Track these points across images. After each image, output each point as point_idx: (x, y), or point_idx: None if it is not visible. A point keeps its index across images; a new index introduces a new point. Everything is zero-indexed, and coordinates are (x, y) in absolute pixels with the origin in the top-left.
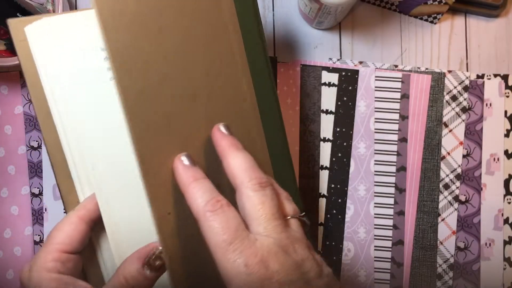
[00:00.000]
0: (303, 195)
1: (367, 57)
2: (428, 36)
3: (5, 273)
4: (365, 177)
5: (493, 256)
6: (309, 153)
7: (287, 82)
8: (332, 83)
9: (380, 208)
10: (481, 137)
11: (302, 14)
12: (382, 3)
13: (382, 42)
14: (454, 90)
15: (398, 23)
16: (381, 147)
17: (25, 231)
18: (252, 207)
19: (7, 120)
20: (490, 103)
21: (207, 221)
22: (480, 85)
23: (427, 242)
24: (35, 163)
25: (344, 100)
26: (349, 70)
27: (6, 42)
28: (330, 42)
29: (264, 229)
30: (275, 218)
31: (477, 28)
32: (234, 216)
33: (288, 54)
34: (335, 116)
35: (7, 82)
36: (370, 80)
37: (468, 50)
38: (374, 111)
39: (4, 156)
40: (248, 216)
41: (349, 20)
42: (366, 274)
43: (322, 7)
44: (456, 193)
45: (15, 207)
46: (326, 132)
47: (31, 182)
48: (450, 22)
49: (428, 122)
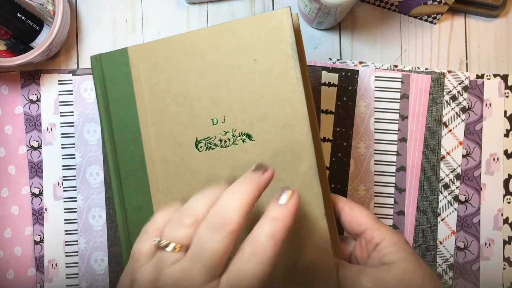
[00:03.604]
0: None
1: (367, 57)
2: (428, 36)
3: (6, 273)
4: (365, 177)
5: (493, 256)
6: None
7: None
8: (332, 83)
9: (380, 208)
10: (480, 137)
11: (302, 14)
12: (382, 3)
13: (382, 42)
14: (453, 90)
15: (398, 23)
16: (381, 147)
17: (26, 231)
18: None
19: (8, 120)
20: (490, 103)
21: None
22: (479, 85)
23: (426, 242)
24: (36, 163)
25: (344, 100)
26: (349, 70)
27: (7, 42)
28: (330, 42)
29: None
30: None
31: (476, 28)
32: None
33: None
34: (335, 116)
35: (7, 82)
36: (370, 80)
37: (467, 50)
38: (374, 111)
39: (4, 156)
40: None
41: (349, 20)
42: None
43: (322, 7)
44: (455, 193)
45: (16, 207)
46: (326, 132)
47: (31, 182)
48: (449, 22)
49: (428, 122)
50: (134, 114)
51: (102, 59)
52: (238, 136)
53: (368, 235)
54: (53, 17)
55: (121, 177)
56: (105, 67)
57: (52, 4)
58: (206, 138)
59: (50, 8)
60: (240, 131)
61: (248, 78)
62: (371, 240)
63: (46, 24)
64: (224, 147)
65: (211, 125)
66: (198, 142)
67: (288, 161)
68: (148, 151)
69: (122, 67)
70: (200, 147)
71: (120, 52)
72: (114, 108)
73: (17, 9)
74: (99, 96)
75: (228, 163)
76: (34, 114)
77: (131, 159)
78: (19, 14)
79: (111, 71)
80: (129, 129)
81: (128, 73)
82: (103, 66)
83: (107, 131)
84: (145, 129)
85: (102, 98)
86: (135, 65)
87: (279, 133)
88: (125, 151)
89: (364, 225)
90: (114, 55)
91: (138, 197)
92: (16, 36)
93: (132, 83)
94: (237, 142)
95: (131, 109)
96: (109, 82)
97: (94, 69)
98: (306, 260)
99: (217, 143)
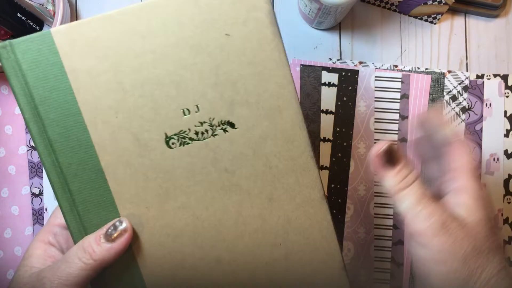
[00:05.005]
0: None
1: (367, 57)
2: (428, 36)
3: (6, 273)
4: (365, 177)
5: None
6: None
7: None
8: (332, 83)
9: (380, 208)
10: (480, 137)
11: (302, 14)
12: (382, 3)
13: (382, 42)
14: (454, 90)
15: (398, 23)
16: None
17: (26, 231)
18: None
19: (8, 120)
20: (490, 103)
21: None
22: (479, 85)
23: None
24: (36, 163)
25: (344, 100)
26: (349, 70)
27: None
28: (330, 42)
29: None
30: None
31: (476, 28)
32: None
33: (288, 54)
34: (335, 116)
35: (7, 82)
36: (370, 80)
37: (467, 50)
38: (374, 111)
39: (4, 156)
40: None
41: (349, 20)
42: (366, 274)
43: (322, 7)
44: None
45: (16, 207)
46: (326, 132)
47: (31, 182)
48: (449, 22)
49: None
50: (76, 115)
51: (15, 49)
52: (218, 125)
53: (458, 173)
54: (53, 17)
55: (71, 192)
56: (21, 58)
57: (52, 4)
58: (179, 133)
59: (50, 8)
60: (219, 119)
61: (220, 56)
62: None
63: (46, 24)
64: (202, 140)
65: (182, 116)
66: (168, 138)
67: (279, 145)
68: (103, 157)
69: (48, 57)
70: (172, 144)
71: (42, 38)
72: (45, 110)
73: (17, 9)
74: (20, 96)
75: (208, 156)
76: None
77: (82, 169)
78: (19, 14)
79: (31, 64)
80: (73, 133)
81: (58, 63)
82: (18, 58)
83: (39, 139)
84: (95, 131)
85: (24, 98)
86: (67, 52)
87: (265, 117)
88: (73, 161)
89: (462, 164)
90: (33, 42)
91: (101, 212)
92: (16, 36)
93: (66, 76)
94: (217, 133)
95: (71, 109)
96: (32, 77)
97: (5, 62)
98: (310, 244)
99: (192, 137)
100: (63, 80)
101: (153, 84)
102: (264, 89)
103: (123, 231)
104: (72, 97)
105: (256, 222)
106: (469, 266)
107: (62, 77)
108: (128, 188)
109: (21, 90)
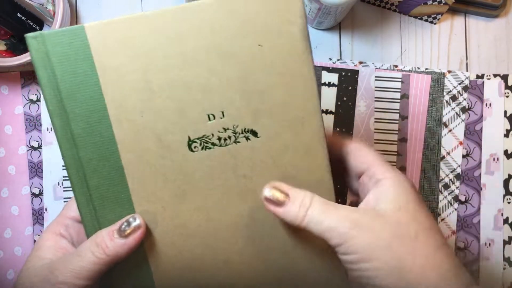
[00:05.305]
0: None
1: (367, 57)
2: (428, 36)
3: (5, 273)
4: None
5: (493, 256)
6: None
7: None
8: (332, 83)
9: None
10: (480, 137)
11: None
12: (382, 3)
13: (382, 42)
14: (454, 90)
15: (398, 23)
16: (381, 147)
17: (26, 231)
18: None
19: (8, 120)
20: (490, 103)
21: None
22: (479, 85)
23: None
24: (36, 163)
25: (344, 100)
26: (349, 70)
27: (7, 42)
28: (330, 42)
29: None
30: None
31: (476, 28)
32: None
33: None
34: (335, 116)
35: (7, 82)
36: (370, 80)
37: (467, 50)
38: (374, 111)
39: (4, 156)
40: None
41: (349, 20)
42: None
43: (322, 7)
44: (455, 193)
45: (16, 207)
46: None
47: (31, 182)
48: (449, 22)
49: (428, 122)
50: (101, 111)
51: (46, 41)
52: (241, 133)
53: (371, 171)
54: (53, 17)
55: (89, 187)
56: (52, 51)
57: (52, 4)
58: (202, 137)
59: (50, 8)
60: (243, 127)
61: (250, 65)
62: (372, 177)
63: (46, 24)
64: (224, 146)
65: (207, 121)
66: (191, 141)
67: (298, 157)
68: (125, 155)
69: (79, 52)
70: (194, 147)
71: (75, 32)
72: (71, 105)
73: (17, 9)
74: (46, 88)
75: (228, 162)
76: (34, 114)
77: (103, 165)
78: (19, 14)
79: (61, 57)
80: (96, 129)
81: (89, 59)
82: (49, 51)
83: (62, 132)
84: (119, 129)
85: (51, 91)
86: (98, 48)
87: (288, 128)
88: (93, 157)
89: (369, 162)
90: (65, 36)
91: (116, 208)
92: (16, 36)
93: (95, 72)
94: (239, 140)
95: (97, 105)
96: (60, 71)
97: (34, 54)
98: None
99: (215, 142)
100: (92, 76)
101: (180, 87)
102: (290, 101)
103: (136, 227)
104: (100, 93)
105: (268, 229)
106: (397, 254)
107: (91, 73)
108: (146, 187)
109: (47, 82)
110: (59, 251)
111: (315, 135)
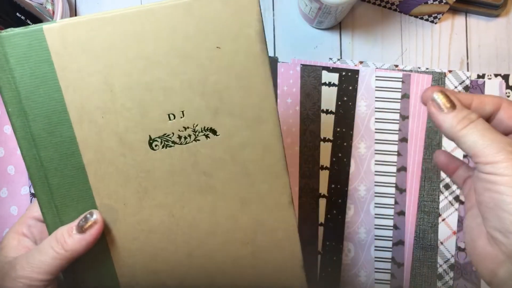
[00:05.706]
0: (303, 195)
1: (367, 57)
2: (429, 36)
3: None
4: (365, 177)
5: None
6: (309, 153)
7: (287, 82)
8: (332, 83)
9: (381, 208)
10: None
11: (302, 14)
12: (383, 3)
13: (382, 42)
14: (455, 90)
15: (399, 23)
16: (382, 147)
17: None
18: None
19: (7, 120)
20: None
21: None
22: (480, 85)
23: (427, 242)
24: None
25: (344, 100)
26: (349, 70)
27: None
28: (330, 42)
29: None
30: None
31: (477, 28)
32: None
33: (288, 54)
34: (335, 116)
35: None
36: (371, 80)
37: (468, 50)
38: (374, 111)
39: (3, 156)
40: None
41: (349, 20)
42: (367, 275)
43: (322, 7)
44: (456, 193)
45: (15, 207)
46: (326, 132)
47: (30, 182)
48: (450, 22)
49: (429, 122)
50: (62, 112)
51: (4, 42)
52: (201, 131)
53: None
54: (52, 17)
55: (50, 186)
56: (10, 52)
57: (51, 4)
58: (162, 136)
59: (50, 8)
60: (203, 126)
61: (210, 67)
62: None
63: None
64: (185, 144)
65: (167, 121)
66: (152, 140)
67: (257, 154)
68: (86, 154)
69: (38, 53)
70: (155, 146)
71: (32, 34)
72: (30, 106)
73: (17, 9)
74: (4, 90)
75: (189, 160)
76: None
77: (64, 165)
78: (19, 13)
79: (20, 59)
80: (57, 130)
81: (48, 61)
82: (7, 52)
83: (22, 132)
84: (80, 129)
85: (9, 92)
86: (58, 50)
87: (247, 126)
88: (54, 156)
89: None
90: (23, 37)
91: (78, 206)
92: None
93: (55, 74)
94: (199, 138)
95: (57, 107)
96: (19, 72)
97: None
98: (275, 244)
99: (175, 140)
100: (51, 77)
101: (142, 89)
102: (248, 101)
103: (93, 222)
104: (60, 94)
105: (228, 222)
106: None
107: (51, 74)
108: (108, 185)
109: (6, 83)
110: (22, 250)
111: (272, 133)
